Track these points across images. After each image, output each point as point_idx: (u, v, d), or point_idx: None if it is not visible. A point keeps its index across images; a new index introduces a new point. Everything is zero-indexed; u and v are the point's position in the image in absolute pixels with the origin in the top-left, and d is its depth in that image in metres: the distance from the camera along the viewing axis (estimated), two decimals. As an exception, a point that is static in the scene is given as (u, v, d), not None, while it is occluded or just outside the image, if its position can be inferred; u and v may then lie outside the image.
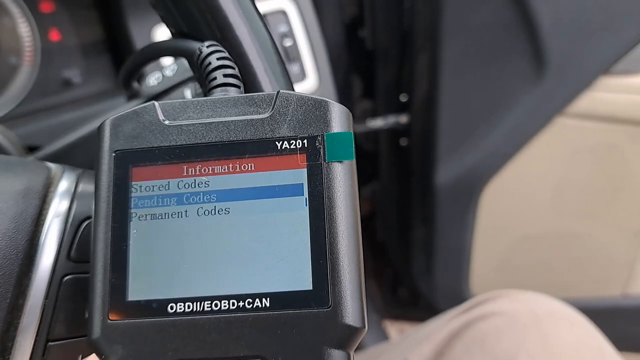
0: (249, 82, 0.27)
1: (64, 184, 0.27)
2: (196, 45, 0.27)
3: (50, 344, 0.25)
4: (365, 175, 1.18)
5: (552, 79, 0.80)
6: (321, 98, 0.22)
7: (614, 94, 0.80)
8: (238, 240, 0.21)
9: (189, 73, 0.42)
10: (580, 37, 0.78)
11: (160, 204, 0.22)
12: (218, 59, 0.26)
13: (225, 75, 0.25)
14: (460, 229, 0.93)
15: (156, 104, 0.23)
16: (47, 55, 0.58)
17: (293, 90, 0.28)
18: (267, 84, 0.28)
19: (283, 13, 0.70)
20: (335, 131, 0.22)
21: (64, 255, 0.26)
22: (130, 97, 0.43)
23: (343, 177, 0.22)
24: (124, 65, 0.38)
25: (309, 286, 0.21)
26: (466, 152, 0.87)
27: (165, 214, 0.22)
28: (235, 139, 0.22)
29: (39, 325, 0.25)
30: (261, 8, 0.29)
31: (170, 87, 0.42)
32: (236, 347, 0.20)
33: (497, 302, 0.52)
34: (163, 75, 0.42)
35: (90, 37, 0.63)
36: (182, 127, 0.22)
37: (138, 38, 0.62)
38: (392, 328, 1.15)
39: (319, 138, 0.22)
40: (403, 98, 0.98)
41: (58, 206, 0.26)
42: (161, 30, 0.63)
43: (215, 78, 0.25)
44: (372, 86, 1.06)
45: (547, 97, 0.81)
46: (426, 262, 1.00)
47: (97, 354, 0.21)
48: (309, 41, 0.71)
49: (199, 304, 0.21)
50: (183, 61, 0.43)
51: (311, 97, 0.22)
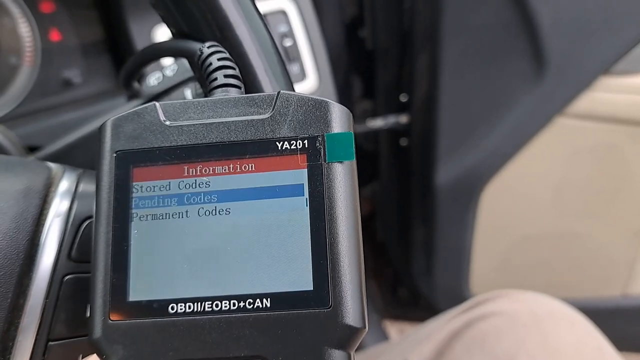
0: (249, 82, 0.27)
1: (65, 184, 0.27)
2: (197, 45, 0.27)
3: (50, 343, 0.25)
4: (365, 176, 1.18)
5: (552, 79, 0.80)
6: (321, 98, 0.22)
7: (614, 94, 0.80)
8: (239, 240, 0.21)
9: (189, 73, 0.42)
10: (580, 37, 0.78)
11: (161, 204, 0.22)
12: (219, 59, 0.26)
13: (226, 76, 0.25)
14: (460, 229, 0.93)
15: (157, 104, 0.23)
16: (48, 55, 0.58)
17: (293, 90, 0.28)
18: (267, 84, 0.28)
19: (283, 13, 0.70)
20: (336, 131, 0.22)
21: (64, 255, 0.26)
22: (130, 97, 0.43)
23: (343, 178, 0.22)
24: (125, 65, 0.38)
25: (310, 286, 0.21)
26: (466, 152, 0.87)
27: (166, 214, 0.22)
28: (235, 140, 0.22)
29: (40, 325, 0.25)
30: (261, 8, 0.29)
31: (171, 87, 0.42)
32: (237, 347, 0.20)
33: (497, 302, 0.52)
34: (163, 75, 0.42)
35: (91, 37, 0.63)
36: (182, 128, 0.22)
37: (138, 38, 0.62)
38: (392, 328, 1.15)
39: (320, 138, 0.22)
40: (403, 98, 0.98)
41: (59, 206, 0.26)
42: (161, 30, 0.63)
43: (216, 79, 0.25)
44: (372, 86, 1.06)
45: (547, 97, 0.81)
46: (426, 262, 1.00)
47: (98, 354, 0.21)
48: (309, 41, 0.71)
49: (199, 304, 0.21)
50: (183, 61, 0.43)
51: (311, 98, 0.22)
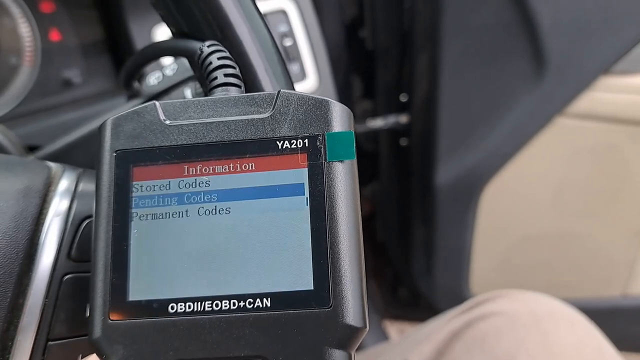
0: (250, 81, 0.27)
1: (64, 183, 0.27)
2: (197, 45, 0.27)
3: (50, 343, 0.25)
4: (365, 176, 1.18)
5: (552, 79, 0.80)
6: (322, 97, 0.22)
7: (614, 94, 0.80)
8: (239, 240, 0.21)
9: (189, 72, 0.42)
10: (580, 37, 0.78)
11: (161, 203, 0.22)
12: (219, 58, 0.26)
13: (226, 75, 0.25)
14: (460, 229, 0.93)
15: (157, 103, 0.23)
16: (48, 55, 0.58)
17: (294, 89, 0.28)
18: (268, 83, 0.28)
19: (283, 13, 0.70)
20: (336, 131, 0.22)
21: (64, 254, 0.26)
22: (130, 97, 0.43)
23: (344, 177, 0.22)
24: (125, 65, 0.38)
25: (310, 286, 0.21)
26: (466, 152, 0.87)
27: (166, 213, 0.22)
28: (236, 139, 0.22)
29: (39, 325, 0.25)
30: (261, 8, 0.29)
31: (171, 87, 0.42)
32: (237, 347, 0.20)
33: (497, 302, 0.52)
34: (163, 74, 0.42)
35: (91, 37, 0.63)
36: (182, 127, 0.22)
37: (138, 38, 0.62)
38: (392, 328, 1.15)
39: (320, 137, 0.22)
40: (403, 98, 0.98)
41: (58, 205, 0.26)
42: (161, 30, 0.63)
43: (216, 78, 0.25)
44: (372, 86, 1.06)
45: (547, 97, 0.81)
46: (426, 262, 1.00)
47: (98, 354, 0.21)
48: (309, 41, 0.71)
49: (199, 304, 0.21)
50: (183, 60, 0.42)
51: (312, 97, 0.22)
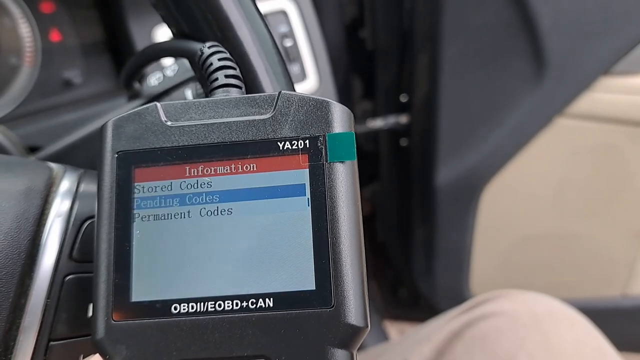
0: (250, 82, 0.27)
1: (66, 184, 0.27)
2: (197, 45, 0.27)
3: (52, 343, 0.25)
4: (365, 176, 1.18)
5: (552, 80, 0.80)
6: (323, 98, 0.22)
7: (614, 95, 0.80)
8: (241, 240, 0.21)
9: (190, 73, 0.42)
10: (580, 38, 0.78)
11: (163, 204, 0.22)
12: (219, 59, 0.26)
13: (226, 76, 0.25)
14: (460, 229, 0.93)
15: (158, 105, 0.23)
16: (48, 55, 0.58)
17: (294, 90, 0.28)
18: (268, 84, 0.28)
19: (283, 13, 0.70)
20: (337, 131, 0.22)
21: (65, 255, 0.26)
22: (131, 98, 0.43)
23: (345, 178, 0.22)
24: (125, 65, 0.38)
25: (312, 286, 0.21)
26: (466, 153, 0.87)
27: (168, 214, 0.22)
28: (237, 140, 0.22)
29: (41, 325, 0.25)
30: (261, 8, 0.29)
31: (171, 87, 0.42)
32: (240, 346, 0.20)
33: (498, 302, 0.52)
34: (164, 75, 0.42)
35: (91, 37, 0.63)
36: (184, 128, 0.22)
37: (138, 38, 0.62)
38: (393, 328, 1.15)
39: (321, 138, 0.22)
40: (403, 98, 0.98)
41: (60, 206, 0.26)
42: (162, 31, 0.63)
43: (216, 79, 0.25)
44: (372, 86, 1.06)
45: (547, 98, 0.81)
46: (426, 262, 1.00)
47: (101, 355, 0.21)
48: (309, 41, 0.71)
49: (202, 304, 0.21)
50: (184, 61, 0.42)
51: (313, 98, 0.22)
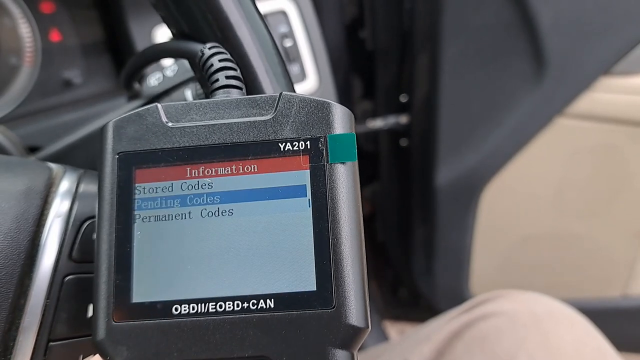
0: (250, 82, 0.27)
1: (65, 184, 0.27)
2: (198, 46, 0.27)
3: (51, 343, 0.25)
4: (365, 176, 1.18)
5: (552, 80, 0.80)
6: (323, 100, 0.22)
7: (614, 95, 0.80)
8: (242, 241, 0.21)
9: (190, 73, 0.42)
10: (580, 38, 0.78)
11: (164, 205, 0.22)
12: (220, 60, 0.26)
13: (227, 77, 0.25)
14: (460, 229, 0.93)
15: (159, 105, 0.23)
16: (48, 55, 0.58)
17: (294, 90, 0.28)
18: (268, 84, 0.28)
19: (283, 13, 0.70)
20: (338, 133, 0.22)
21: (65, 255, 0.26)
22: (131, 98, 0.43)
23: (346, 179, 0.22)
24: (125, 66, 0.38)
25: (313, 287, 0.21)
26: (466, 153, 0.87)
27: (168, 215, 0.22)
28: (238, 141, 0.22)
29: (40, 325, 0.25)
30: (261, 8, 0.29)
31: (171, 88, 0.42)
32: (241, 347, 0.20)
33: (498, 302, 0.52)
34: (164, 75, 0.42)
35: (91, 37, 0.63)
36: (185, 129, 0.22)
37: (138, 38, 0.62)
38: (393, 329, 1.15)
39: (322, 139, 0.22)
40: (403, 98, 0.98)
41: (59, 206, 0.26)
42: (162, 31, 0.63)
43: (217, 80, 0.25)
44: (372, 87, 1.06)
45: (547, 98, 0.81)
46: (426, 263, 1.00)
47: (101, 356, 0.21)
48: (309, 42, 0.71)
49: (203, 305, 0.21)
50: (184, 61, 0.42)
51: (313, 99, 0.22)
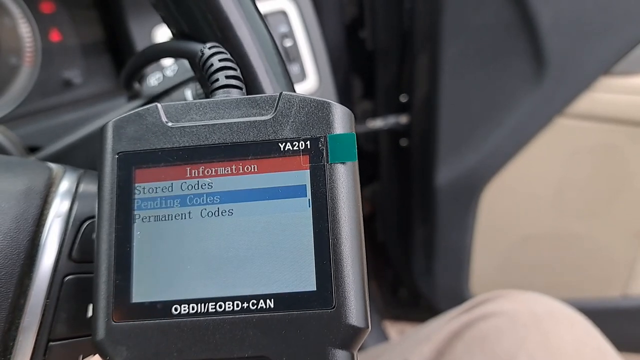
0: (250, 82, 0.27)
1: (65, 184, 0.27)
2: (198, 46, 0.27)
3: (51, 343, 0.25)
4: (365, 176, 1.18)
5: (552, 80, 0.80)
6: (324, 100, 0.22)
7: (614, 95, 0.80)
8: (241, 241, 0.21)
9: (190, 73, 0.42)
10: (580, 38, 0.78)
11: (164, 205, 0.22)
12: (220, 60, 0.26)
13: (227, 77, 0.25)
14: (460, 229, 0.93)
15: (159, 105, 0.23)
16: (48, 55, 0.58)
17: (294, 90, 0.28)
18: (268, 84, 0.28)
19: (283, 13, 0.70)
20: (338, 132, 0.22)
21: (65, 255, 0.26)
22: (130, 98, 0.43)
23: (346, 179, 0.22)
24: (125, 66, 0.38)
25: (313, 287, 0.21)
26: (466, 153, 0.87)
27: (168, 215, 0.22)
28: (238, 141, 0.22)
29: (40, 325, 0.25)
30: (261, 8, 0.29)
31: (171, 88, 0.42)
32: (241, 347, 0.20)
33: (498, 302, 0.52)
34: (164, 75, 0.42)
35: (91, 37, 0.63)
36: (184, 129, 0.22)
37: (138, 38, 0.62)
38: (393, 329, 1.15)
39: (322, 139, 0.22)
40: (403, 98, 0.98)
41: (59, 206, 0.26)
42: (162, 31, 0.63)
43: (217, 79, 0.25)
44: (372, 87, 1.06)
45: (547, 98, 0.81)
46: (426, 263, 1.00)
47: (101, 356, 0.21)
48: (309, 41, 0.71)
49: (203, 305, 0.21)
50: (184, 61, 0.42)
51: (314, 99, 0.22)
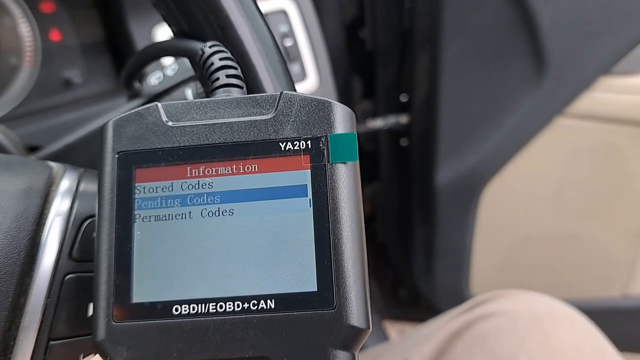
0: (251, 81, 0.27)
1: (66, 183, 0.27)
2: (198, 45, 0.27)
3: (51, 342, 0.25)
4: (365, 176, 1.17)
5: (552, 80, 0.80)
6: (325, 99, 0.22)
7: (614, 95, 0.80)
8: (242, 241, 0.21)
9: (190, 72, 0.41)
10: (580, 38, 0.78)
11: (164, 205, 0.22)
12: (220, 59, 0.26)
13: (228, 76, 0.25)
14: (460, 229, 0.93)
15: (159, 105, 0.23)
16: (48, 55, 0.58)
17: (294, 89, 0.28)
18: (269, 83, 0.28)
19: (284, 13, 0.70)
20: (339, 132, 0.22)
21: (65, 254, 0.26)
22: (131, 97, 0.43)
23: (347, 178, 0.22)
24: (126, 65, 0.38)
25: (314, 287, 0.21)
26: (466, 153, 0.87)
27: (169, 215, 0.22)
28: (238, 140, 0.22)
29: (41, 324, 0.25)
30: (262, 8, 0.29)
31: (171, 87, 0.42)
32: (241, 348, 0.20)
33: (498, 302, 0.52)
34: (164, 74, 0.42)
35: (91, 37, 0.63)
36: (185, 128, 0.22)
37: (138, 38, 0.62)
38: (393, 329, 1.15)
39: (323, 139, 0.22)
40: (403, 98, 0.98)
41: (60, 205, 0.26)
42: (162, 30, 0.63)
43: (218, 78, 0.25)
44: (372, 86, 1.06)
45: (547, 98, 0.81)
46: (426, 263, 1.00)
47: (101, 356, 0.21)
48: (310, 41, 0.71)
49: (203, 305, 0.21)
50: (184, 60, 0.42)
51: (314, 98, 0.22)
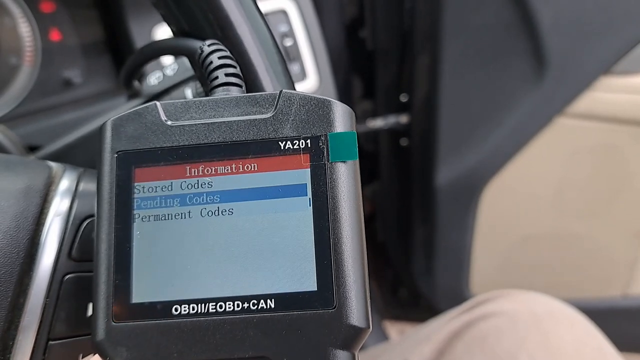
0: (250, 80, 0.27)
1: (65, 183, 0.27)
2: (197, 44, 0.27)
3: (51, 342, 0.25)
4: (365, 176, 1.17)
5: (552, 79, 0.80)
6: (324, 97, 0.22)
7: (614, 94, 0.80)
8: (242, 241, 0.21)
9: (190, 72, 0.41)
10: (580, 37, 0.78)
11: (163, 204, 0.22)
12: (220, 57, 0.26)
13: (227, 75, 0.25)
14: (460, 229, 0.93)
15: (158, 104, 0.23)
16: (48, 55, 0.58)
17: (294, 89, 0.28)
18: (268, 82, 0.28)
19: (283, 13, 0.70)
20: (339, 131, 0.22)
21: (64, 254, 0.26)
22: (130, 97, 0.43)
23: (347, 177, 0.21)
24: (125, 64, 0.38)
25: (314, 287, 0.20)
26: (466, 152, 0.87)
27: (168, 214, 0.22)
28: (238, 139, 0.22)
29: (40, 324, 0.25)
30: (262, 7, 0.29)
31: (171, 87, 0.42)
32: (241, 348, 0.20)
33: (498, 302, 0.52)
34: (164, 74, 0.42)
35: (91, 37, 0.63)
36: (184, 128, 0.22)
37: (138, 38, 0.62)
38: (393, 329, 1.15)
39: (323, 138, 0.22)
40: (403, 98, 0.98)
41: (59, 205, 0.26)
42: (162, 30, 0.63)
43: (217, 77, 0.25)
44: (372, 86, 1.06)
45: (547, 97, 0.81)
46: (426, 263, 1.00)
47: (101, 356, 0.21)
48: (310, 41, 0.71)
49: (203, 305, 0.21)
50: (184, 60, 0.42)
51: (314, 97, 0.22)
